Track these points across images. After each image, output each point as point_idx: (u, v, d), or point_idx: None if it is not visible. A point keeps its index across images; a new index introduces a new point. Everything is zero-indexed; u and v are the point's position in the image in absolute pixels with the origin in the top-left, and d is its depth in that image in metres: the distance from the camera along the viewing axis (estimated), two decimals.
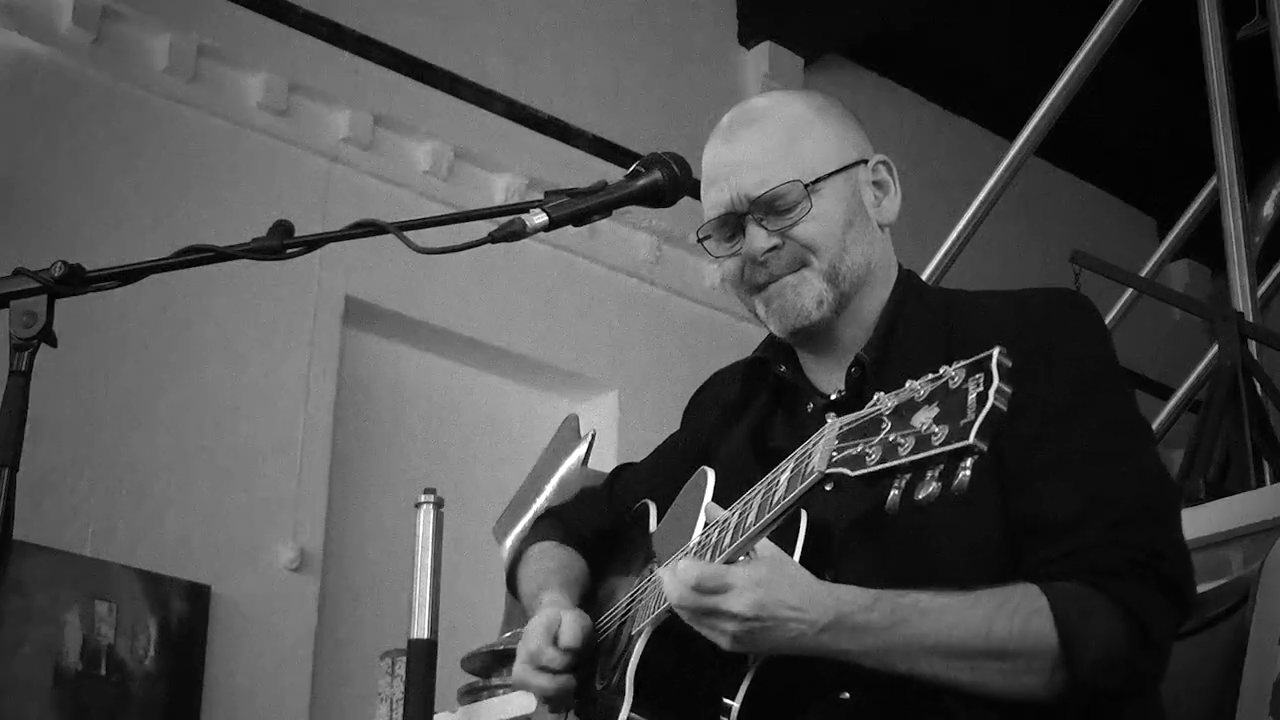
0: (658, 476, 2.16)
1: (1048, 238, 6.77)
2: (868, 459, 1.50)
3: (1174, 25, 4.62)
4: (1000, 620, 1.68)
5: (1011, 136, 4.55)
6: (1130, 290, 4.80)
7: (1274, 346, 3.78)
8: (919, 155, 6.46)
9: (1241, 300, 3.83)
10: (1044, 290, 1.93)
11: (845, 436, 1.54)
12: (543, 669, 1.95)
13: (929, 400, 1.46)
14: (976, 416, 1.41)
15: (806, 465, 1.59)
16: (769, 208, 1.93)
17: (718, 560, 1.71)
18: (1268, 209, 4.93)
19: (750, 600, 1.66)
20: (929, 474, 1.45)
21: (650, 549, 2.00)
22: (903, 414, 1.48)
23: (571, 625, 1.96)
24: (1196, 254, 7.24)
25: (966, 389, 1.43)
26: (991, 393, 1.41)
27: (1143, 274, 4.95)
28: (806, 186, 1.93)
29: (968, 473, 1.42)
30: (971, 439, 1.41)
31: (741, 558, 1.69)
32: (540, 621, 1.98)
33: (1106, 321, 5.03)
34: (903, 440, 1.46)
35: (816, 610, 1.68)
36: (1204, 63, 4.20)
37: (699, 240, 2.03)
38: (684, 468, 2.03)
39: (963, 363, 1.45)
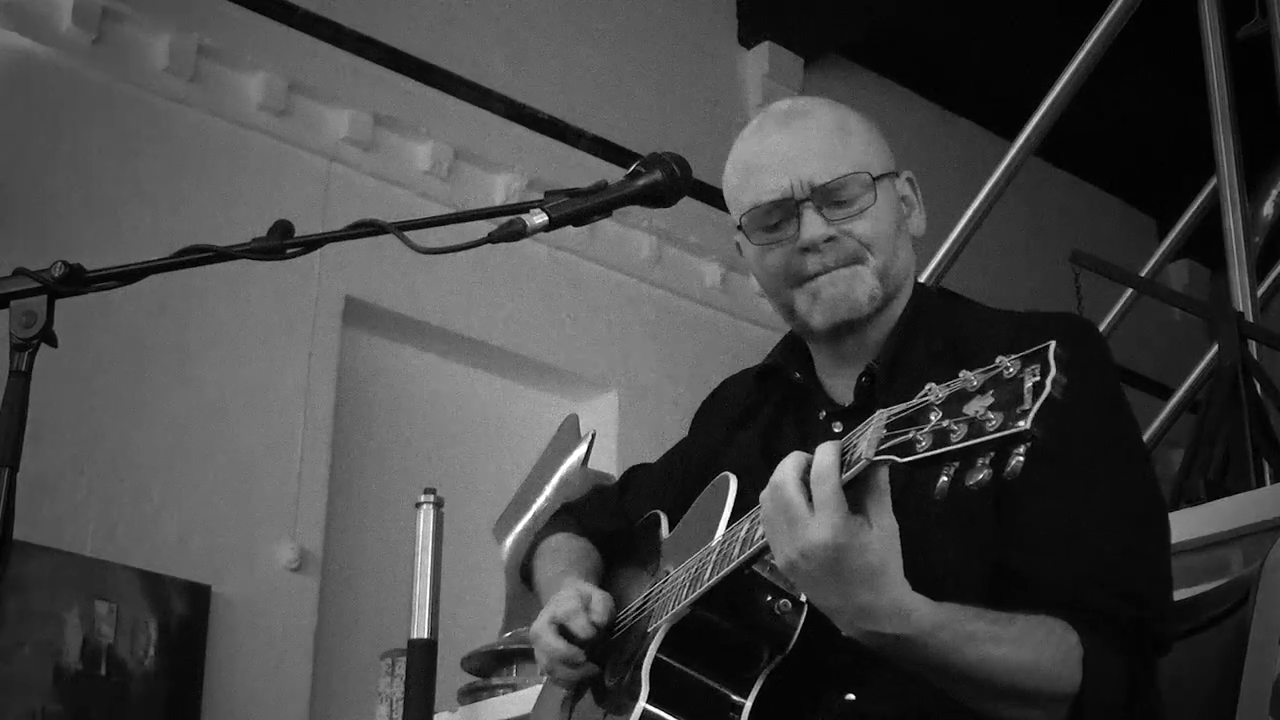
0: (667, 485, 2.16)
1: (1048, 238, 6.77)
2: (918, 445, 1.48)
3: (1174, 25, 4.62)
4: (1045, 658, 1.68)
5: (1011, 136, 4.54)
6: (1130, 290, 4.80)
7: (1274, 346, 3.78)
8: (919, 155, 6.44)
9: (1241, 300, 3.83)
10: (1053, 315, 1.92)
11: (894, 425, 1.52)
12: (563, 632, 1.95)
13: (982, 390, 1.46)
14: (1033, 405, 1.41)
15: (852, 454, 1.57)
16: (831, 197, 1.92)
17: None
18: (1268, 209, 4.92)
19: (811, 545, 1.59)
20: (980, 460, 1.44)
21: (659, 552, 2.00)
22: (954, 403, 1.47)
23: (602, 603, 1.96)
24: (1196, 254, 7.24)
25: (1022, 378, 1.43)
26: (1049, 382, 1.41)
27: (1143, 274, 4.95)
28: (874, 179, 1.93)
29: (1021, 459, 1.42)
30: (1029, 424, 1.40)
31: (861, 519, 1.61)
32: (574, 591, 1.98)
33: (1107, 321, 5.06)
34: (955, 427, 1.45)
35: (880, 615, 1.62)
36: (1204, 63, 4.19)
37: (737, 226, 1.98)
38: (692, 477, 2.02)
39: (1017, 355, 1.45)
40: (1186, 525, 2.70)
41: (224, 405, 4.91)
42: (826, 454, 1.59)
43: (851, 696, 1.78)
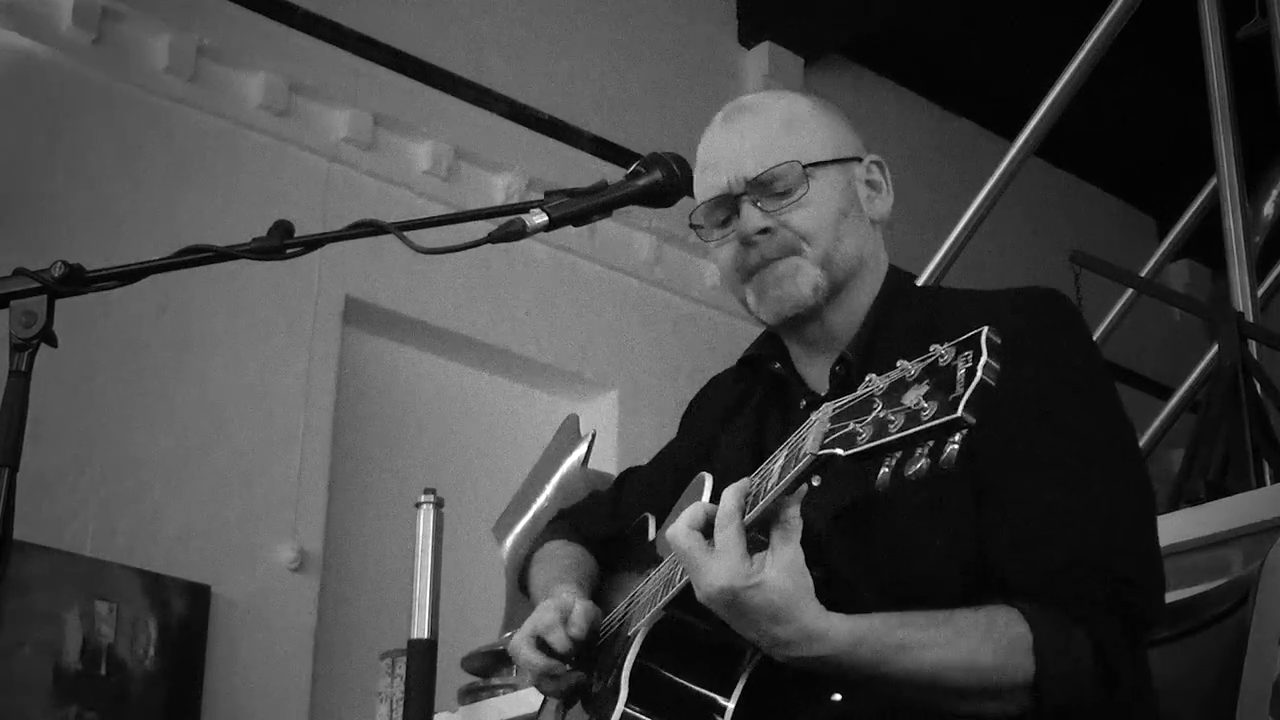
0: (658, 485, 2.15)
1: (1048, 238, 6.77)
2: (858, 438, 1.49)
3: (1174, 25, 4.62)
4: (984, 655, 1.69)
5: (1011, 136, 4.54)
6: (1130, 290, 4.80)
7: (1274, 346, 3.78)
8: (919, 155, 6.46)
9: (1241, 300, 3.83)
10: (1025, 289, 1.91)
11: (838, 418, 1.54)
12: (542, 647, 1.95)
13: (919, 379, 1.46)
14: (965, 391, 1.41)
15: (799, 449, 1.59)
16: (765, 189, 1.94)
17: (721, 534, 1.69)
18: (1268, 209, 4.92)
19: (710, 590, 1.66)
20: (918, 450, 1.45)
21: (650, 555, 2.00)
22: (894, 393, 1.48)
23: (582, 616, 1.96)
24: (1196, 254, 7.24)
25: (955, 365, 1.43)
26: (980, 367, 1.41)
27: (1143, 274, 4.95)
28: (805, 168, 1.94)
29: (955, 447, 1.42)
30: (960, 412, 1.40)
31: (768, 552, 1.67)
32: (554, 603, 1.98)
33: (1106, 321, 5.06)
34: (893, 418, 1.46)
35: (793, 642, 1.66)
36: (1204, 63, 4.19)
37: (691, 226, 2.01)
38: (684, 475, 2.02)
39: (952, 341, 1.45)
40: (1186, 525, 2.70)
41: (224, 405, 4.92)
42: (728, 500, 1.67)
43: (838, 696, 1.78)
